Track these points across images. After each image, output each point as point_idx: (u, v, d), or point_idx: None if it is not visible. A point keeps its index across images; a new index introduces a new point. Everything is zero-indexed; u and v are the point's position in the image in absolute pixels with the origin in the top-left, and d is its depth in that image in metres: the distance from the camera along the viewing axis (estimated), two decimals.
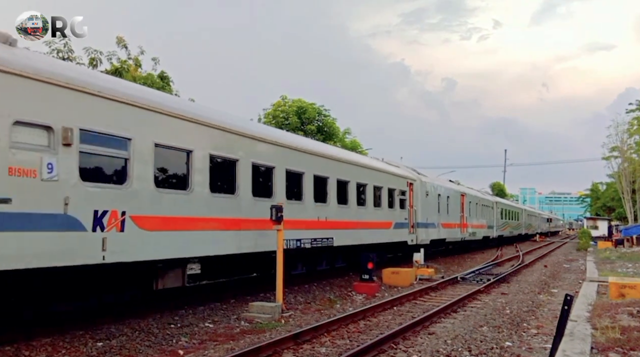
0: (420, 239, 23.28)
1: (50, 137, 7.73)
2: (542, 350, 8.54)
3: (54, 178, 7.67)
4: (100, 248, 8.32)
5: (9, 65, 7.30)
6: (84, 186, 8.15)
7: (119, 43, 19.90)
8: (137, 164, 9.09)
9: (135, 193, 9.04)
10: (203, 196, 10.62)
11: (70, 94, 8.06)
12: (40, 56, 9.34)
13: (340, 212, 16.36)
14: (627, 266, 22.39)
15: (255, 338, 9.07)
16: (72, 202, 7.90)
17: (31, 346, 7.87)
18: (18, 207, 7.14)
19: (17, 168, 7.24)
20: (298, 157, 14.44)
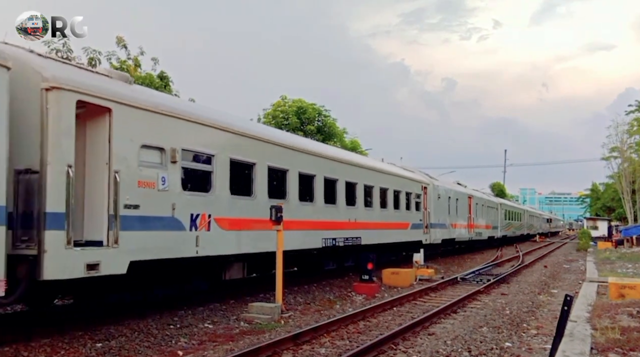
0: (433, 239, 25.14)
1: (162, 157, 9.70)
2: (542, 351, 8.53)
3: (165, 188, 9.66)
4: (195, 244, 10.28)
5: (134, 101, 9.15)
6: (184, 194, 10.12)
7: (119, 43, 19.89)
8: (218, 176, 11.10)
9: (217, 199, 11.01)
10: (263, 201, 12.52)
11: (174, 121, 10.08)
12: (150, 91, 11.16)
13: (367, 214, 18.30)
14: (627, 267, 22.38)
15: (255, 339, 9.06)
16: (177, 207, 9.87)
17: (30, 347, 7.86)
18: (143, 212, 9.06)
19: (143, 181, 9.18)
20: (333, 166, 16.36)
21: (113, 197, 8.53)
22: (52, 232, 7.61)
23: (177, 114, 10.19)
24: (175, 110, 10.25)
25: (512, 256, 31.83)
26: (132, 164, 8.99)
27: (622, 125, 49.16)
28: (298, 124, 32.34)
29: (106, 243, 8.45)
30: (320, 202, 15.27)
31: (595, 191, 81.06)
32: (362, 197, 18.09)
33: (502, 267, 24.35)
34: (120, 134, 8.78)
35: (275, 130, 17.25)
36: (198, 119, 10.78)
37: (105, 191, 8.53)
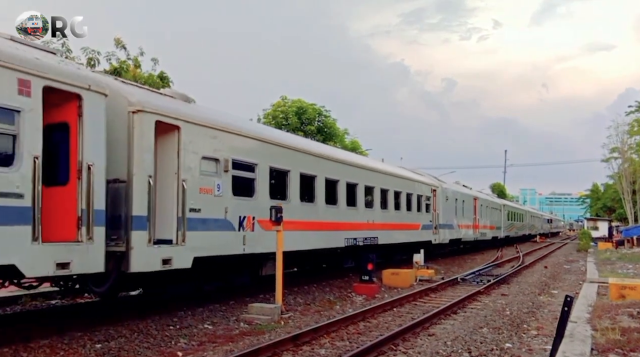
0: (442, 239, 26.48)
1: (217, 166, 11.03)
2: (542, 351, 8.51)
3: (220, 194, 10.98)
4: (242, 243, 11.65)
5: (197, 119, 10.56)
6: (234, 199, 11.44)
7: (117, 44, 19.87)
8: (259, 182, 12.44)
9: (259, 203, 12.31)
10: (295, 204, 13.90)
11: (226, 135, 11.40)
12: (204, 108, 12.07)
13: (383, 216, 19.64)
14: (628, 267, 22.35)
15: (255, 340, 9.04)
16: (229, 210, 11.24)
17: (29, 348, 7.84)
18: (203, 215, 10.42)
19: (203, 188, 10.53)
20: (354, 171, 17.67)
21: (181, 202, 9.89)
22: (137, 232, 8.94)
23: (228, 129, 11.57)
24: (227, 126, 11.65)
25: (513, 256, 31.80)
26: (195, 173, 10.37)
27: (623, 125, 49.19)
28: (298, 124, 32.33)
29: (175, 241, 9.77)
30: (343, 205, 16.67)
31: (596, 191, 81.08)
32: (379, 200, 19.44)
33: (502, 267, 24.32)
34: (187, 148, 10.16)
35: (304, 139, 19.04)
36: (243, 132, 12.23)
37: (174, 196, 9.90)
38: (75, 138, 8.13)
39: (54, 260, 7.57)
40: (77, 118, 8.13)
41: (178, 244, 9.76)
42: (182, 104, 10.83)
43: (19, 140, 7.21)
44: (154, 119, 9.40)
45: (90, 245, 8.08)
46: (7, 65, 7.12)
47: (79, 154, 8.08)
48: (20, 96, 7.26)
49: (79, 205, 8.04)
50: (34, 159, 7.33)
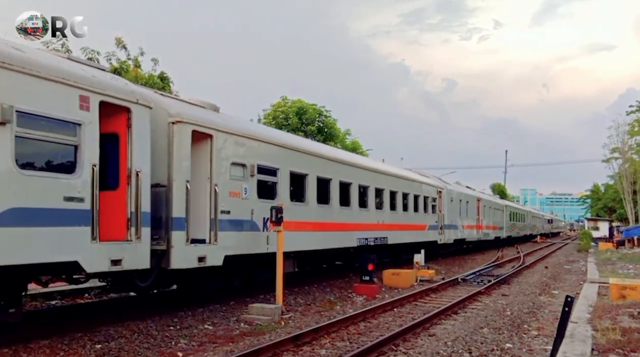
0: (447, 239, 27.43)
1: (244, 171, 11.88)
2: (543, 352, 8.50)
3: (247, 197, 11.85)
4: (266, 242, 12.43)
5: (226, 128, 11.43)
6: (259, 201, 12.27)
7: (118, 44, 19.88)
8: (281, 185, 13.25)
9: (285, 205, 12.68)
10: (313, 206, 14.83)
11: (252, 142, 12.32)
12: (231, 117, 13.00)
13: (392, 217, 20.48)
14: (628, 267, 22.33)
15: (255, 340, 9.04)
16: (255, 212, 12.08)
17: (29, 348, 7.84)
18: (233, 216, 11.30)
19: (233, 192, 11.36)
20: (365, 174, 18.53)
21: (213, 205, 10.75)
22: (177, 232, 9.81)
23: (254, 136, 12.51)
24: (253, 133, 12.67)
25: (513, 256, 31.78)
26: (226, 178, 11.21)
27: (623, 125, 49.15)
28: (299, 125, 32.32)
29: (208, 241, 10.64)
30: (356, 207, 17.48)
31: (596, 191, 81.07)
32: (388, 202, 20.33)
33: (503, 268, 24.31)
34: (218, 155, 11.01)
35: (320, 144, 20.07)
36: (267, 139, 13.16)
37: (207, 199, 10.73)
38: (124, 147, 9.00)
39: (108, 257, 8.46)
40: (127, 129, 9.01)
41: (211, 243, 10.68)
42: (212, 113, 11.77)
43: (80, 150, 8.07)
44: (191, 129, 10.30)
45: (138, 244, 8.94)
46: (70, 83, 8.01)
47: (128, 161, 8.96)
48: (81, 111, 8.13)
49: (128, 208, 8.90)
50: (92, 167, 8.19)
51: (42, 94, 7.62)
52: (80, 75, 8.26)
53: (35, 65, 7.58)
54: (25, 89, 7.39)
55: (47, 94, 7.69)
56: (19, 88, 7.29)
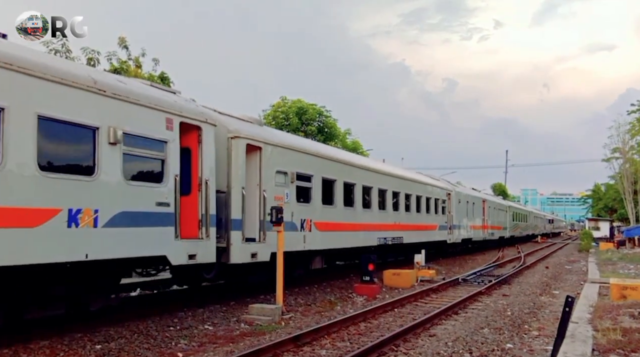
0: (455, 238, 29.10)
1: (286, 178, 13.45)
2: (543, 352, 8.49)
3: (288, 201, 13.30)
4: (303, 241, 14.00)
5: (272, 141, 13.17)
6: (298, 205, 13.83)
7: (121, 44, 19.87)
8: (315, 190, 14.84)
9: (315, 208, 14.78)
10: (340, 208, 16.33)
11: (292, 152, 13.92)
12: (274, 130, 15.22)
13: (407, 218, 22.08)
14: (629, 267, 22.32)
15: (255, 340, 9.03)
16: (294, 214, 13.58)
17: (29, 349, 7.83)
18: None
19: (277, 196, 12.84)
20: (384, 178, 20.06)
21: (262, 208, 12.26)
22: (235, 232, 11.42)
23: (293, 147, 14.18)
24: (293, 144, 14.33)
25: (514, 256, 31.77)
26: (272, 184, 12.79)
27: (624, 125, 49.07)
28: (299, 125, 32.28)
29: (258, 240, 12.23)
30: (376, 209, 18.99)
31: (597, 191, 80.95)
32: (404, 204, 21.91)
33: (503, 268, 24.30)
34: (266, 164, 12.58)
35: (346, 153, 21.54)
36: (304, 149, 14.84)
37: (257, 203, 12.27)
38: (195, 159, 10.60)
39: (187, 252, 10.05)
40: (197, 144, 10.61)
41: (260, 241, 12.27)
42: (259, 128, 13.66)
43: (166, 163, 9.73)
44: (245, 143, 11.94)
45: (207, 241, 10.52)
46: (160, 108, 9.67)
47: (199, 171, 10.58)
48: (167, 131, 9.76)
49: (199, 210, 10.47)
50: (175, 177, 9.86)
51: (140, 118, 9.26)
52: (166, 101, 10.00)
53: (135, 94, 9.23)
54: (129, 114, 9.00)
55: (144, 118, 9.34)
56: (125, 114, 8.90)
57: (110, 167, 8.58)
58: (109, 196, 8.53)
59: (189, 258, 10.08)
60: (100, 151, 8.45)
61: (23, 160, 7.32)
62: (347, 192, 16.95)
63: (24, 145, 7.35)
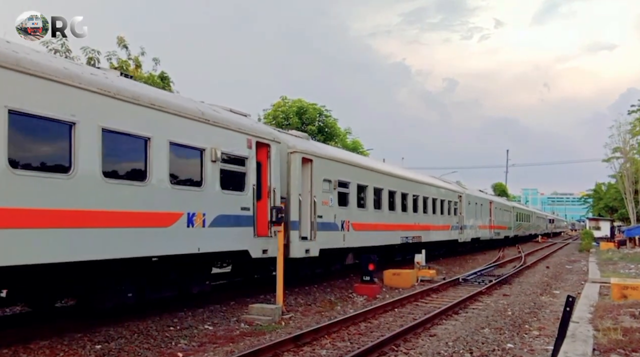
0: (465, 238, 31.24)
1: (330, 185, 15.51)
2: (544, 352, 8.48)
3: (332, 205, 15.49)
4: (342, 239, 16.17)
5: (320, 154, 15.30)
6: (339, 208, 15.96)
7: (120, 43, 19.87)
8: (351, 195, 17.00)
9: (352, 210, 16.93)
10: (371, 210, 18.52)
11: (335, 163, 16.18)
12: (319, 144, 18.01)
13: (425, 218, 24.35)
14: (630, 267, 22.30)
15: (255, 340, 9.02)
16: (336, 216, 15.72)
17: (29, 349, 7.82)
18: (324, 220, 14.95)
19: (324, 201, 15.04)
20: (405, 183, 22.42)
21: (313, 211, 14.32)
22: (293, 231, 13.47)
23: (335, 158, 16.47)
24: (335, 156, 16.73)
25: (514, 256, 31.75)
26: (320, 191, 14.82)
27: (625, 125, 49.02)
28: (299, 125, 32.19)
29: (310, 238, 14.21)
30: (399, 210, 21.25)
31: (598, 191, 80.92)
32: (422, 206, 24.08)
33: (504, 268, 24.29)
34: (316, 174, 14.60)
35: (376, 161, 24.30)
36: (343, 160, 17.12)
37: (308, 207, 14.23)
38: (265, 171, 12.69)
39: (261, 248, 12.33)
40: (267, 159, 12.71)
41: (312, 240, 14.27)
42: (309, 142, 15.93)
43: (247, 176, 11.96)
44: (301, 156, 14.04)
45: (275, 239, 12.30)
46: (242, 131, 11.93)
47: (268, 181, 12.68)
48: (248, 149, 11.99)
49: (269, 213, 12.43)
50: (252, 186, 12.06)
51: (231, 140, 11.52)
52: (246, 125, 12.33)
53: (227, 121, 11.61)
54: (224, 137, 11.28)
55: (233, 140, 11.60)
56: (221, 137, 11.19)
57: (212, 179, 10.84)
58: (212, 203, 10.79)
59: (262, 252, 12.38)
60: (206, 167, 10.72)
61: (161, 176, 9.58)
62: (376, 196, 19.19)
63: (162, 166, 9.56)
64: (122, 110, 8.84)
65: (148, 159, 9.27)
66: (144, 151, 9.25)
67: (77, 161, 7.93)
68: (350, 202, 16.83)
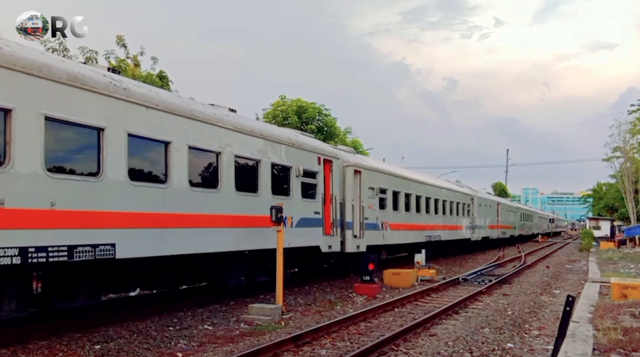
0: (477, 237, 34.27)
1: (373, 192, 18.36)
2: (544, 351, 8.46)
3: (374, 209, 18.46)
4: (382, 237, 19.26)
5: (366, 166, 18.39)
6: (379, 211, 19.04)
7: (119, 42, 19.84)
8: (388, 200, 20.04)
9: (389, 213, 20.04)
10: (402, 213, 21.76)
11: (377, 173, 19.42)
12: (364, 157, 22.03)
13: (443, 220, 27.62)
14: (630, 267, 22.27)
15: (255, 340, 9.00)
16: (378, 218, 18.78)
17: (27, 349, 7.80)
18: (369, 221, 17.83)
19: (368, 205, 17.88)
20: (428, 188, 25.62)
21: (361, 214, 17.22)
22: (348, 230, 16.57)
23: (377, 169, 19.77)
24: (377, 167, 20.10)
25: (514, 256, 31.73)
26: (366, 197, 17.80)
27: (625, 124, 48.95)
28: (298, 124, 32.14)
29: (359, 236, 17.07)
30: (423, 212, 24.59)
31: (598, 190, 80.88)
32: (442, 208, 27.29)
33: (504, 267, 24.25)
34: (363, 183, 17.62)
35: (407, 169, 27.91)
36: (383, 170, 20.47)
37: (358, 211, 17.11)
38: (328, 182, 15.68)
39: (327, 244, 15.38)
40: (330, 172, 15.75)
41: (361, 237, 17.15)
42: (357, 156, 19.45)
43: (317, 186, 15.05)
44: (353, 169, 17.18)
45: (336, 237, 15.84)
46: (314, 151, 15.19)
47: (331, 190, 15.77)
48: (318, 165, 15.14)
49: (331, 216, 15.58)
50: (321, 194, 15.20)
51: (308, 158, 14.70)
52: (317, 146, 15.61)
53: (306, 144, 14.85)
54: (304, 157, 14.46)
55: (309, 158, 14.79)
56: (302, 157, 14.37)
57: (296, 190, 13.99)
58: (296, 208, 13.83)
59: (328, 248, 15.43)
60: (292, 181, 13.91)
61: (267, 189, 12.75)
62: (406, 200, 22.34)
63: (267, 181, 12.83)
64: (245, 141, 12.17)
65: (259, 177, 12.55)
66: (256, 172, 12.50)
67: (222, 181, 11.26)
68: (388, 205, 19.95)
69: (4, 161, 7.21)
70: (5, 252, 7.01)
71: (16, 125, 7.30)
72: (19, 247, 7.18)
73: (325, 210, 15.23)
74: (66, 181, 8.01)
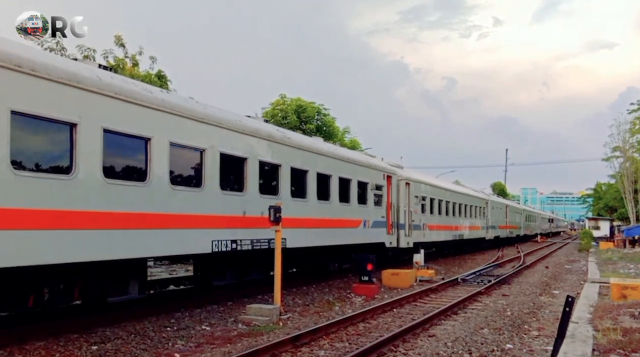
0: (490, 236, 39.11)
1: (417, 199, 23.34)
2: (544, 352, 8.43)
3: (419, 213, 23.40)
4: (423, 236, 23.88)
5: (412, 179, 23.15)
6: (422, 214, 24.10)
7: (117, 42, 19.80)
8: (427, 205, 24.46)
9: (427, 216, 24.74)
10: (436, 215, 26.24)
11: (421, 184, 24.49)
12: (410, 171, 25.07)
13: (465, 221, 32.47)
14: (629, 267, 22.25)
15: (253, 341, 8.96)
16: (421, 220, 23.86)
17: (24, 350, 7.76)
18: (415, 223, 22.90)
19: (414, 210, 22.80)
20: (454, 195, 30.69)
21: (410, 217, 21.75)
22: (401, 230, 21.03)
23: (421, 181, 24.37)
24: (421, 179, 24.63)
25: (514, 256, 31.71)
26: (413, 203, 22.14)
27: (624, 124, 48.97)
28: (297, 123, 32.11)
29: (408, 235, 21.46)
30: (451, 215, 29.41)
31: (598, 190, 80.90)
32: (464, 211, 32.27)
33: (503, 267, 24.23)
34: (411, 193, 22.10)
35: (440, 180, 33.43)
36: (425, 181, 25.14)
37: (407, 215, 21.48)
38: (388, 192, 20.00)
39: (389, 240, 19.77)
40: (389, 185, 20.07)
41: (409, 236, 21.61)
42: (405, 170, 23.32)
43: (383, 197, 19.58)
44: (405, 182, 21.74)
45: (394, 235, 20.37)
46: (380, 169, 19.85)
47: (390, 198, 20.14)
48: (383, 180, 19.71)
49: (391, 219, 19.96)
50: (385, 202, 19.61)
51: (378, 175, 19.33)
52: (381, 165, 20.18)
53: (376, 165, 19.60)
54: (374, 175, 18.98)
55: (377, 176, 19.34)
56: (373, 175, 18.98)
57: (370, 200, 18.57)
58: (371, 213, 18.49)
59: (389, 243, 19.74)
60: (369, 193, 18.48)
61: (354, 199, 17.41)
62: (441, 206, 27.32)
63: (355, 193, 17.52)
64: (343, 167, 16.81)
65: (350, 192, 17.15)
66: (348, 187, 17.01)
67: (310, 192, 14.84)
68: (427, 210, 24.65)
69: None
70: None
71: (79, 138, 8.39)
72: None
73: (387, 214, 19.87)
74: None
